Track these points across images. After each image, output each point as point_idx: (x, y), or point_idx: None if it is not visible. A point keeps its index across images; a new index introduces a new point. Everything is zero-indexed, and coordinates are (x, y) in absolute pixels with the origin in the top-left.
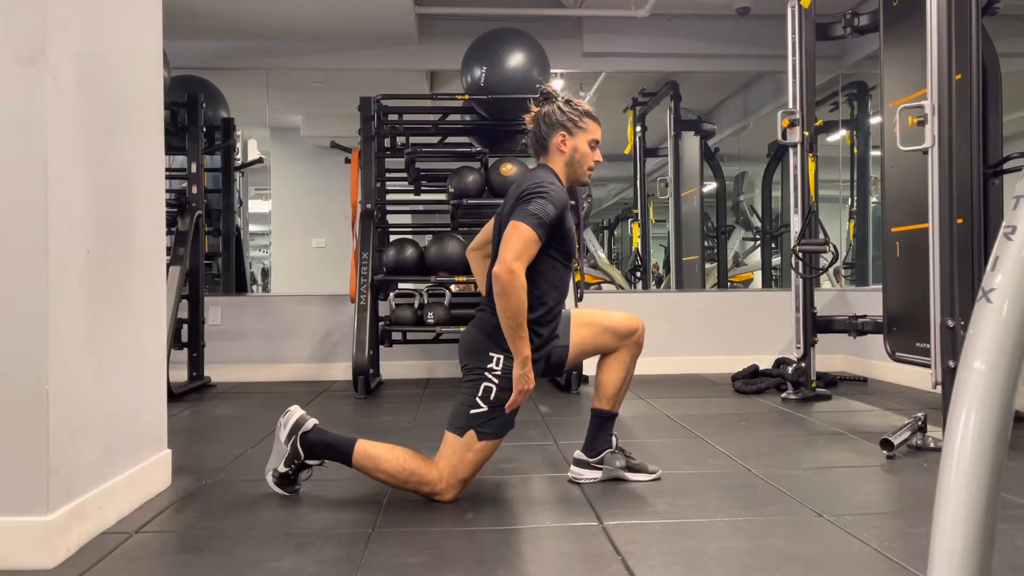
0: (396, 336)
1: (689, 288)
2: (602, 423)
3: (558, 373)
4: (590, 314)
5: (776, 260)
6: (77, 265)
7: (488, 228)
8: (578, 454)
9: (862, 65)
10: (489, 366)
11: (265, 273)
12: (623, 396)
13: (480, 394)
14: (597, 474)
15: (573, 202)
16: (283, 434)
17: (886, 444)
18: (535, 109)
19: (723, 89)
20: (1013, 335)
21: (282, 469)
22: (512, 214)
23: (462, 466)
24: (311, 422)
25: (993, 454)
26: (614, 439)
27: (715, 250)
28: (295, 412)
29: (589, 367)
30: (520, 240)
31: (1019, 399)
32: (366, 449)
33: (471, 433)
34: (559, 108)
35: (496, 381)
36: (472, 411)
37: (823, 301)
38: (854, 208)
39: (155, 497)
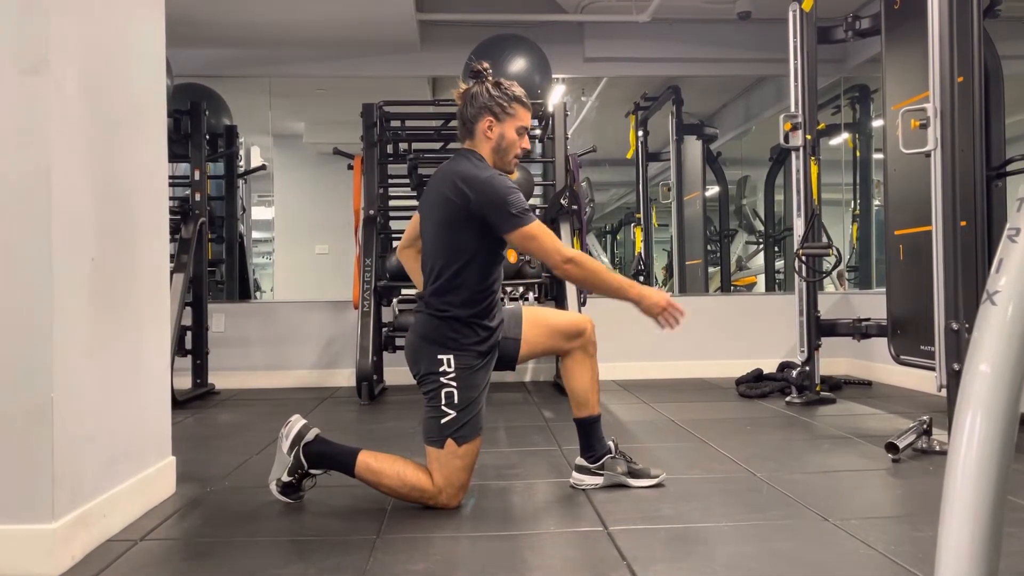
0: (400, 342)
1: (692, 292)
2: (589, 429)
3: (510, 367)
4: (541, 313)
5: (779, 264)
6: (81, 273)
7: (415, 224)
8: (579, 460)
9: (864, 68)
10: (441, 369)
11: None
12: (597, 396)
13: (444, 402)
14: (598, 480)
15: (575, 207)
16: (285, 445)
17: (891, 448)
18: (464, 87)
19: (725, 93)
20: (1018, 338)
21: (285, 479)
22: (466, 221)
23: (455, 474)
24: (313, 432)
25: (999, 457)
26: (612, 443)
27: (718, 254)
28: (297, 422)
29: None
30: (543, 237)
31: None
32: (368, 463)
33: (450, 442)
34: (488, 90)
35: (455, 383)
36: (443, 420)
37: (827, 304)
38: (857, 211)
39: (159, 504)
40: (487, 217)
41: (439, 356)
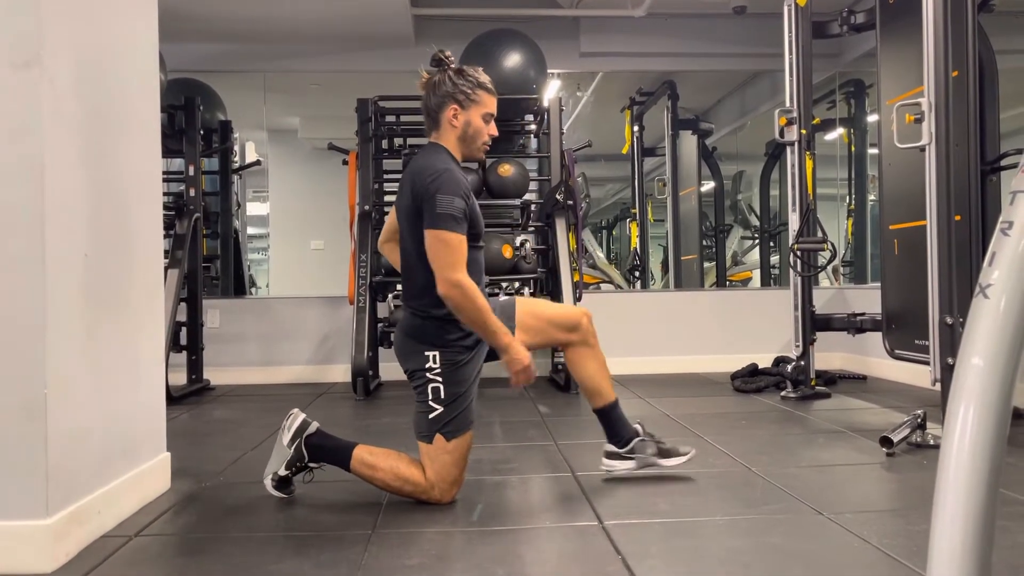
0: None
1: (688, 287)
2: (610, 416)
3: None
4: (535, 304)
5: (775, 259)
6: (75, 269)
7: (392, 218)
8: (607, 447)
9: (859, 63)
10: (427, 366)
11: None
12: (609, 383)
13: (431, 397)
14: (630, 464)
15: (571, 202)
16: (287, 437)
17: (886, 442)
18: (426, 76)
19: (720, 88)
20: (1010, 330)
21: (282, 472)
22: (421, 219)
23: (445, 469)
24: (314, 425)
25: (992, 450)
26: (639, 426)
27: (714, 249)
28: (298, 415)
29: None
30: (447, 249)
31: (1017, 395)
32: (363, 457)
33: (438, 437)
34: (450, 78)
35: (441, 379)
36: (430, 416)
37: (822, 299)
38: (852, 206)
39: (154, 500)
40: (415, 205)
41: (425, 352)
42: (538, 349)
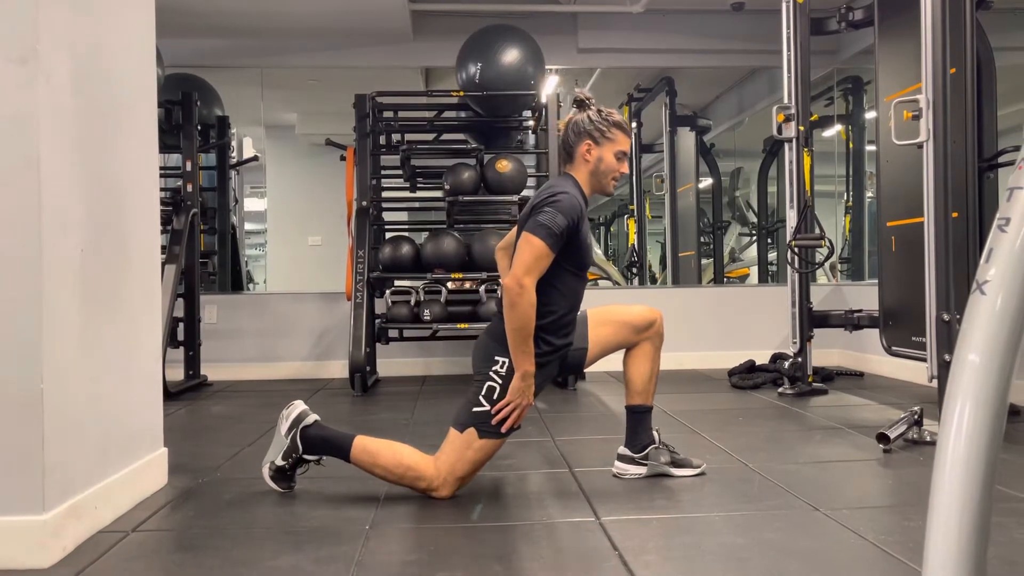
0: (393, 334)
1: (685, 284)
2: (639, 418)
3: (578, 371)
4: (607, 311)
5: (772, 255)
6: (71, 264)
7: (514, 231)
8: (622, 450)
9: (857, 60)
10: (495, 369)
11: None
12: (654, 388)
13: (484, 393)
14: (642, 470)
15: None
16: (284, 426)
17: (883, 438)
18: (568, 116)
19: (718, 84)
20: (1007, 327)
21: (279, 462)
22: (524, 225)
23: (461, 464)
24: (312, 417)
25: (987, 447)
26: (656, 434)
27: (711, 246)
28: (298, 406)
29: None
30: (531, 253)
31: (1014, 391)
32: (364, 444)
33: (471, 430)
34: (588, 117)
35: (500, 381)
36: (475, 409)
37: (819, 296)
38: (850, 203)
39: (151, 496)
40: (527, 216)
41: (496, 357)
42: (612, 352)
